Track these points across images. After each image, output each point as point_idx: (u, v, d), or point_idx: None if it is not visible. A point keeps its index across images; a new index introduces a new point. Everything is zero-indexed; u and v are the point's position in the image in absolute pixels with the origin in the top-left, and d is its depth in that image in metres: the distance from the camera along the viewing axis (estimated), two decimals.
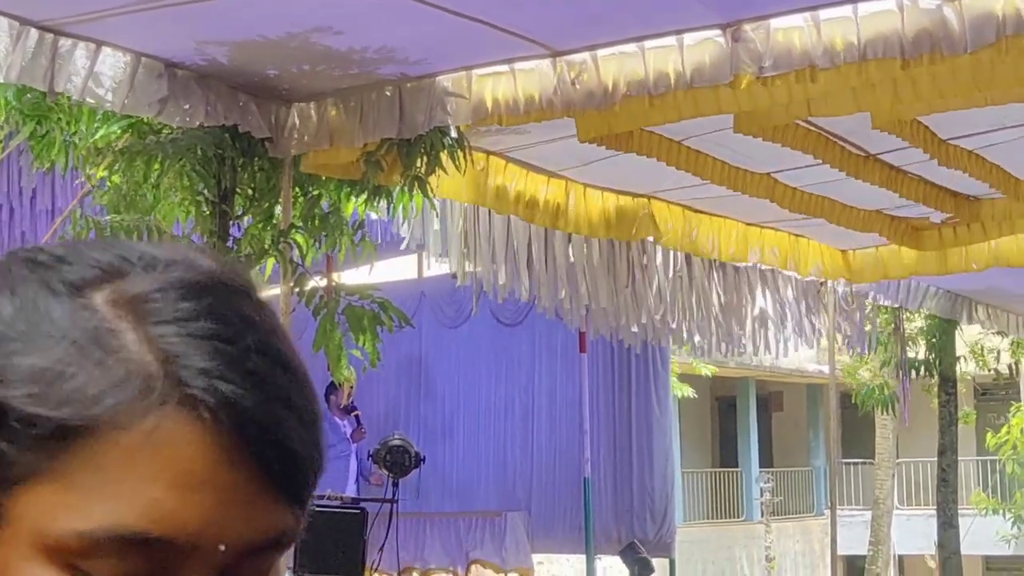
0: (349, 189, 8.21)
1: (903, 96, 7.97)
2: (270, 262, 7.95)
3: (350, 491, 14.42)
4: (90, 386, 1.01)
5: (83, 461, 1.00)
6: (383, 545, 11.50)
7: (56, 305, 1.05)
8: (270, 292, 12.65)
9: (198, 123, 7.11)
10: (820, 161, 9.57)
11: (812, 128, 9.29)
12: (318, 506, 11.54)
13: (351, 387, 14.04)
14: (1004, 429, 27.17)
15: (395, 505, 11.73)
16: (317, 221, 8.17)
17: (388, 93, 7.32)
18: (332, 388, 14.76)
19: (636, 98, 7.04)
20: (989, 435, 27.50)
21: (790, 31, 6.38)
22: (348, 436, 14.98)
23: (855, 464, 33.01)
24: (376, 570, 12.40)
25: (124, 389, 1.01)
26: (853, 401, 23.96)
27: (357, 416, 15.15)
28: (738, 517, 31.67)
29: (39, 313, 1.04)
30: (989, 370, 24.29)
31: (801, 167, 9.87)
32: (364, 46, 6.88)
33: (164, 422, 1.01)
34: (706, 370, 23.27)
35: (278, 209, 7.93)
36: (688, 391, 24.20)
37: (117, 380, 1.01)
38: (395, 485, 12.02)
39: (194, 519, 1.01)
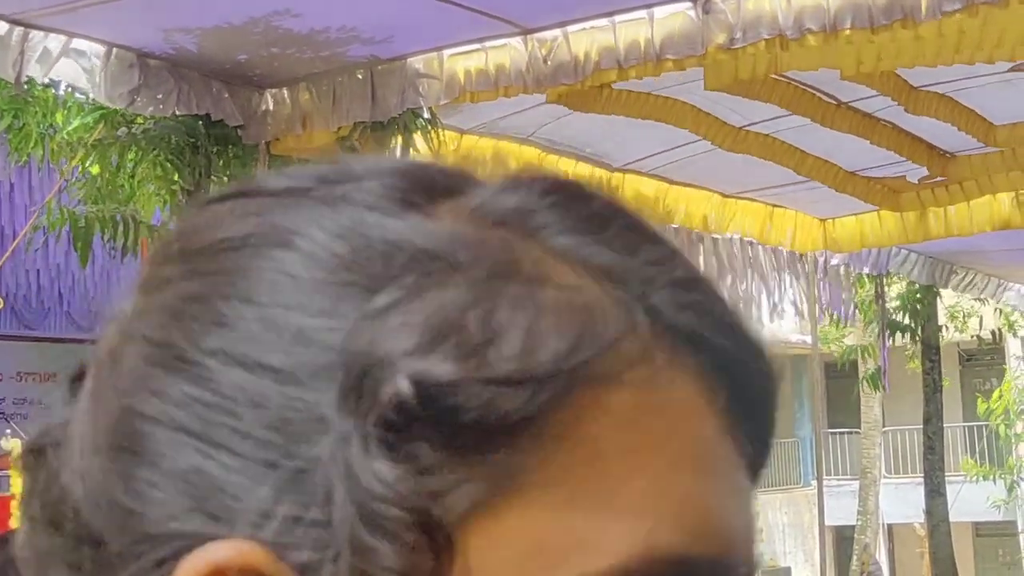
0: None
1: (866, 60, 7.99)
2: None
3: None
4: (545, 335, 0.64)
5: (568, 452, 0.63)
6: None
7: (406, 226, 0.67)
8: None
9: (171, 112, 7.12)
10: (789, 112, 9.54)
11: (782, 79, 9.26)
12: None
13: None
14: (996, 394, 27.20)
15: None
16: None
17: (360, 76, 7.33)
18: None
19: (606, 70, 7.05)
20: (980, 400, 27.53)
21: (760, 1, 6.38)
22: None
23: (841, 434, 33.06)
24: None
25: (599, 329, 0.65)
26: (839, 367, 23.97)
27: None
28: None
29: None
30: (972, 336, 24.31)
31: (770, 119, 9.82)
32: (326, 26, 6.89)
33: (659, 377, 0.67)
34: None
35: None
36: None
37: (579, 318, 0.65)
38: None
39: (732, 524, 0.68)
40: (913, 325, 19.55)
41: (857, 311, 17.45)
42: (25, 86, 6.60)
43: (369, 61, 7.24)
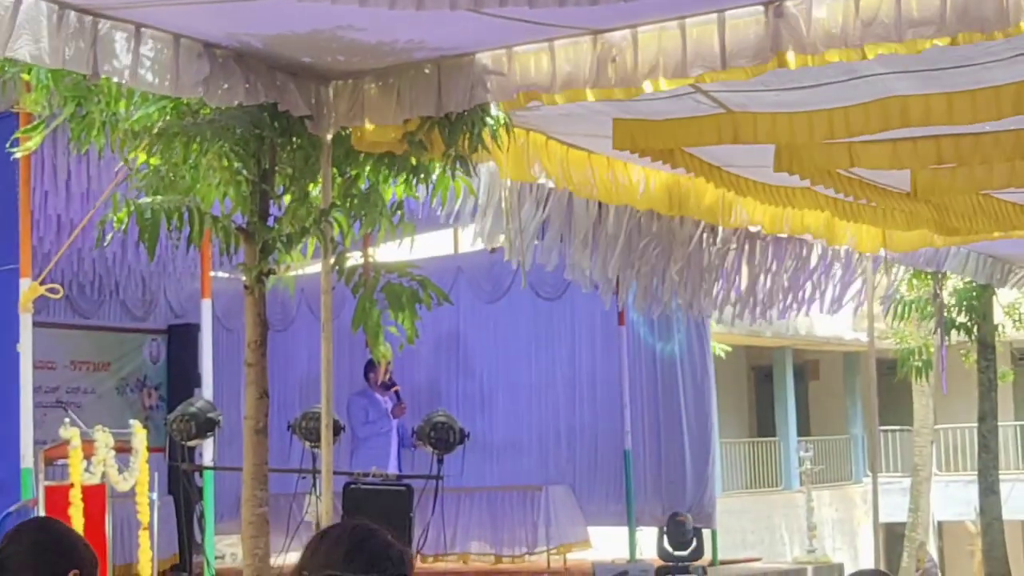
0: (387, 170, 8.15)
1: (944, 154, 8.05)
2: (311, 241, 7.91)
3: (392, 468, 14.39)
4: None
5: None
6: (429, 521, 11.49)
7: None
8: (307, 270, 12.67)
9: (237, 102, 7.07)
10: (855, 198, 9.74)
11: (852, 175, 9.40)
12: (363, 484, 11.52)
13: (388, 363, 14.01)
14: None
15: (440, 483, 11.69)
16: (356, 200, 8.12)
17: (427, 71, 7.27)
18: (371, 366, 14.73)
19: (676, 120, 7.06)
20: None
21: (833, 6, 6.26)
22: (388, 412, 14.94)
23: (893, 431, 32.89)
24: (420, 550, 12.39)
25: None
26: (898, 364, 23.83)
27: (397, 392, 15.11)
28: (777, 486, 31.60)
29: None
30: None
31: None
32: (393, 39, 6.85)
33: None
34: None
35: (317, 189, 7.89)
36: (725, 348, 24.07)
37: None
38: (439, 462, 11.99)
39: None
40: (969, 323, 19.45)
41: (914, 309, 17.32)
42: (99, 78, 6.56)
43: (437, 57, 7.18)
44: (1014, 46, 6.60)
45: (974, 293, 19.12)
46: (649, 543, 15.39)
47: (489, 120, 7.63)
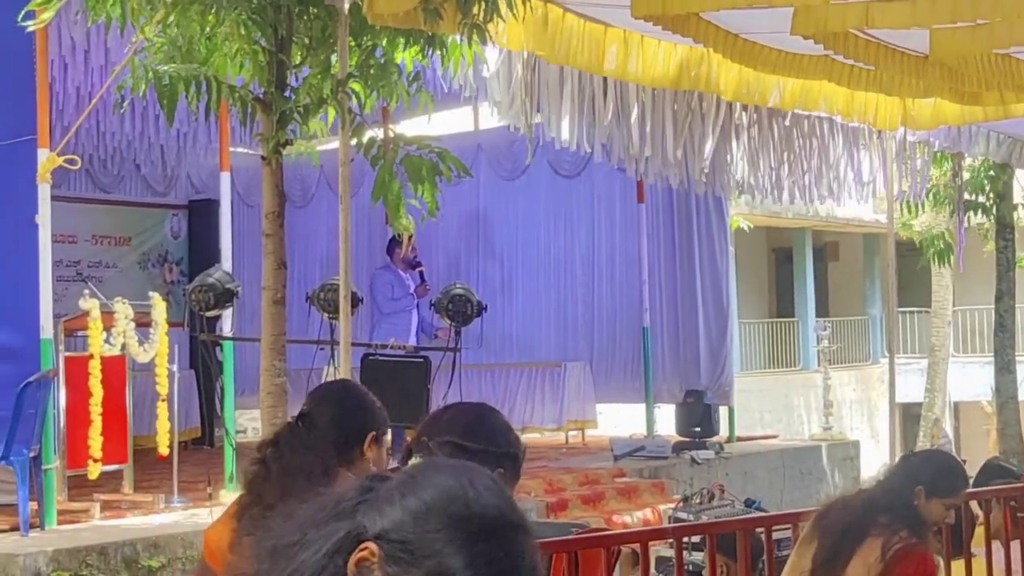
0: (403, 40, 8.13)
1: (962, 11, 7.94)
2: (331, 112, 7.91)
3: (412, 343, 14.49)
4: None
5: None
6: (446, 395, 11.57)
7: None
8: (326, 145, 12.67)
9: None
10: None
11: (870, 38, 9.27)
12: (381, 355, 11.60)
13: (411, 238, 14.05)
14: None
15: (458, 355, 11.77)
16: (373, 71, 8.10)
17: None
18: (394, 242, 14.72)
19: None
20: None
21: None
22: (412, 291, 14.99)
23: (911, 312, 32.92)
24: None
25: None
26: (917, 246, 23.81)
27: (421, 272, 15.13)
28: (795, 366, 31.71)
29: None
30: None
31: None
32: None
33: None
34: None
35: (334, 59, 7.87)
36: (748, 224, 24.04)
37: None
38: (457, 334, 12.06)
39: None
40: (990, 202, 19.43)
41: (933, 191, 17.27)
42: None
43: None
44: None
45: (992, 173, 19.09)
46: (667, 420, 15.52)
47: None
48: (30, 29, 8.74)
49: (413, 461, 3.32)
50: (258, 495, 4.05)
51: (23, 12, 8.37)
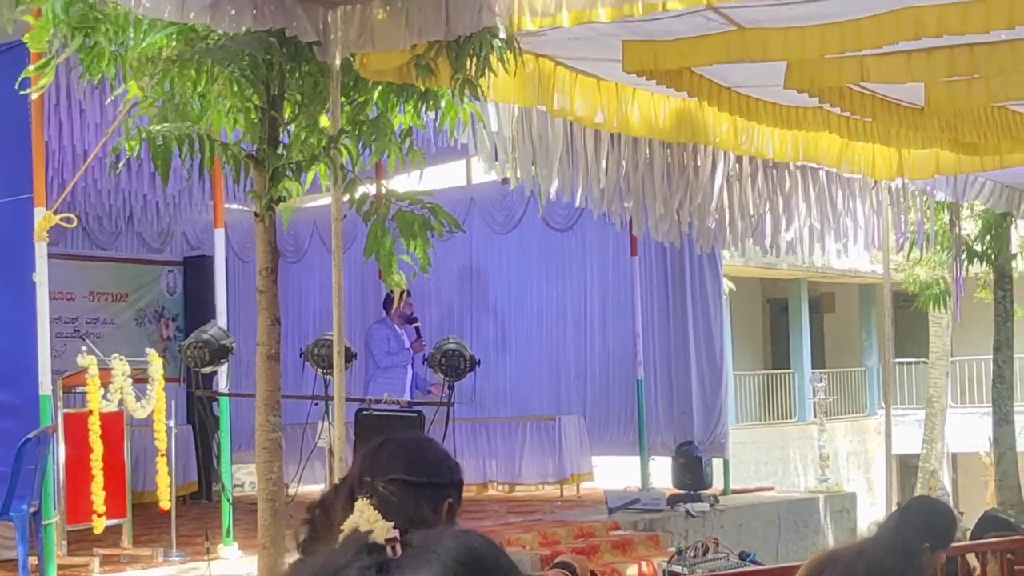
0: (396, 96, 8.18)
1: (958, 66, 7.99)
2: (321, 169, 7.95)
3: (407, 398, 14.51)
4: None
5: None
6: None
7: None
8: (319, 201, 12.71)
9: (245, 28, 7.09)
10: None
11: (865, 91, 9.34)
12: (375, 410, 11.61)
13: (404, 293, 14.08)
14: None
15: (451, 409, 11.78)
16: (365, 127, 8.15)
17: None
18: (389, 297, 14.78)
19: (687, 39, 7.01)
20: None
21: None
22: (408, 347, 15.02)
23: (908, 363, 32.92)
24: None
25: None
26: (910, 294, 23.84)
27: (417, 328, 15.18)
28: (791, 418, 31.70)
29: None
30: None
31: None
32: None
33: None
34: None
35: (326, 116, 7.92)
36: (730, 286, 24.11)
37: None
38: (451, 388, 12.07)
39: None
40: (988, 251, 19.46)
41: (931, 240, 17.29)
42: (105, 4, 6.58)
43: None
44: None
45: (991, 221, 19.13)
46: (662, 472, 15.51)
47: (496, 43, 7.63)
48: (32, 97, 8.82)
49: (358, 503, 3.28)
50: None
51: (20, 78, 8.42)
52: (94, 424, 10.51)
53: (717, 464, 15.18)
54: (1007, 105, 9.97)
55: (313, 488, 12.81)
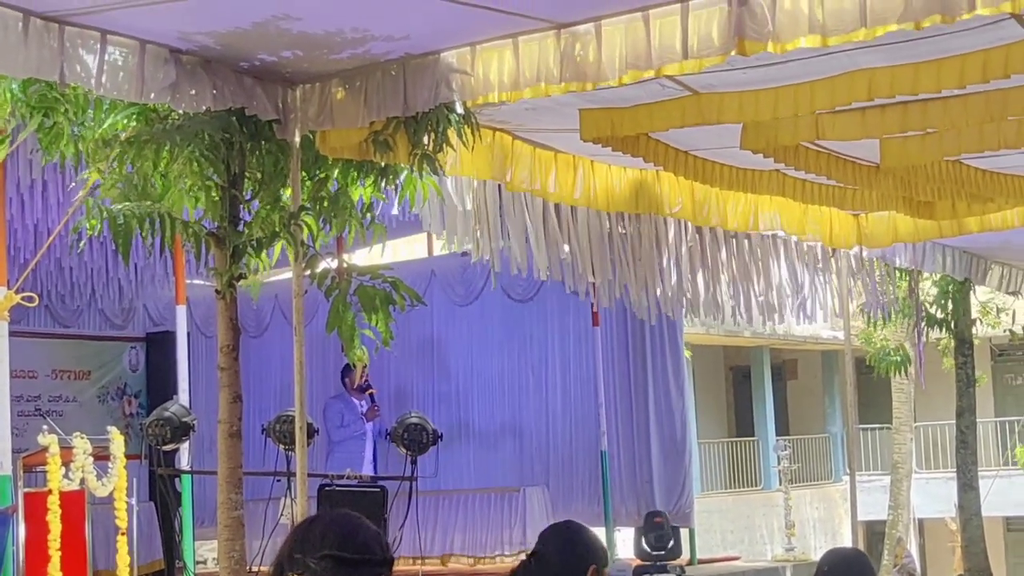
0: (356, 172, 8.23)
1: (912, 121, 8.10)
2: (279, 245, 7.98)
3: (367, 470, 14.48)
4: None
5: None
6: (403, 524, 11.56)
7: None
8: (281, 276, 12.72)
9: (205, 108, 7.13)
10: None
11: (820, 149, 9.43)
12: (338, 486, 11.59)
13: (364, 366, 14.09)
14: None
15: (414, 483, 11.78)
16: (326, 203, 8.18)
17: (392, 72, 7.32)
18: (347, 369, 14.82)
19: (643, 105, 7.07)
20: None
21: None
22: (363, 415, 15.04)
23: (872, 429, 33.01)
24: (397, 551, 12.43)
25: None
26: (868, 364, 23.97)
27: (372, 395, 15.21)
28: (756, 486, 31.71)
29: None
30: (1005, 330, 24.18)
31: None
32: (338, 28, 6.87)
33: None
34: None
35: (287, 192, 7.95)
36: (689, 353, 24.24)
37: None
38: (413, 463, 12.06)
39: None
40: (948, 318, 19.57)
41: (891, 308, 17.38)
42: (64, 84, 6.61)
43: (402, 57, 7.24)
44: (980, 18, 6.61)
45: (951, 287, 19.24)
46: (627, 543, 15.48)
47: (454, 118, 7.69)
48: None
49: None
50: None
51: None
52: (53, 504, 10.46)
53: (683, 533, 15.16)
54: (961, 159, 10.06)
55: None
